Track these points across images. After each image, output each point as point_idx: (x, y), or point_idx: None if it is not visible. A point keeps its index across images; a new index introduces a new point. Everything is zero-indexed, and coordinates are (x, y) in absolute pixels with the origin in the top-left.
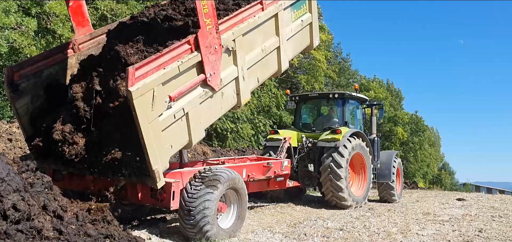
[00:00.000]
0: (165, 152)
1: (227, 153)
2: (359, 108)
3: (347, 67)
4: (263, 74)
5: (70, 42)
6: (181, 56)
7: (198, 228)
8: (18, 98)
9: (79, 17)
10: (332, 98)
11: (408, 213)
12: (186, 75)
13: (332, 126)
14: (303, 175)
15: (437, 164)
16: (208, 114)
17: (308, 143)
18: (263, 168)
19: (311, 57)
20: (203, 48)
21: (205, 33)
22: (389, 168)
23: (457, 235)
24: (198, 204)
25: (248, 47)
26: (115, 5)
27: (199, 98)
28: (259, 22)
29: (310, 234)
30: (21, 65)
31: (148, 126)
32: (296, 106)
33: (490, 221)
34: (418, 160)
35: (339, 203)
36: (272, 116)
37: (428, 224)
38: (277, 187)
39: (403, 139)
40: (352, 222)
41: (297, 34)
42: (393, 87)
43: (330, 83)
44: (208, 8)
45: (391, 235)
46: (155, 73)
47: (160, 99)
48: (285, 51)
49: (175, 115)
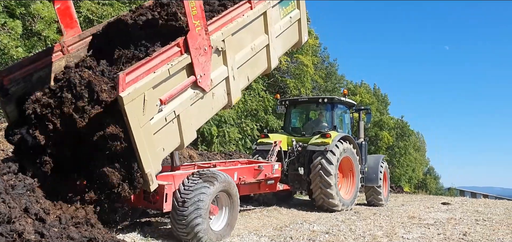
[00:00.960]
0: (157, 155)
1: (214, 157)
2: (347, 112)
3: (334, 72)
4: (253, 73)
5: (59, 44)
6: (171, 59)
7: (190, 220)
8: (8, 103)
9: (67, 18)
10: (322, 103)
11: (393, 216)
12: (176, 77)
13: (321, 130)
14: (293, 178)
15: (422, 168)
16: (199, 116)
17: (298, 146)
18: (254, 171)
19: (299, 62)
20: (192, 50)
21: (194, 35)
22: (376, 172)
23: (442, 238)
24: (193, 195)
25: (237, 46)
26: (97, 9)
27: (190, 100)
28: (247, 21)
29: (296, 237)
30: (10, 70)
31: (139, 130)
32: (286, 110)
33: (474, 225)
34: (404, 164)
35: (329, 207)
36: (259, 120)
37: (413, 228)
38: (268, 190)
39: (389, 144)
40: (338, 225)
41: (286, 31)
42: (379, 92)
43: (317, 88)
44: (197, 9)
45: (376, 238)
46: (146, 77)
47: (151, 103)
48: (274, 49)
49: (166, 118)
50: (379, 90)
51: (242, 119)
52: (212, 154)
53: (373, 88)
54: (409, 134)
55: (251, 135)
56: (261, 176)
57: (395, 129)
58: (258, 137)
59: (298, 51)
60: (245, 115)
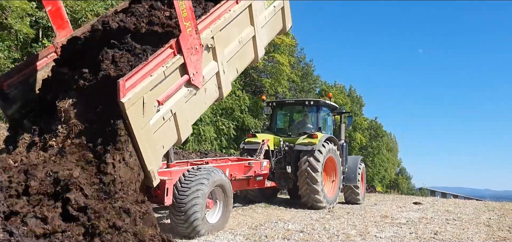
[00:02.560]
0: (157, 152)
1: (189, 156)
2: (329, 115)
3: (310, 73)
4: (241, 65)
5: (52, 46)
6: (165, 61)
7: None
8: (9, 107)
9: (59, 20)
10: (308, 105)
11: (366, 215)
12: (171, 78)
13: (306, 131)
14: (279, 176)
15: (394, 168)
16: (193, 111)
17: (285, 146)
18: (245, 168)
19: (275, 60)
20: (185, 51)
21: (185, 36)
22: (354, 172)
23: (414, 237)
24: (191, 189)
25: (226, 41)
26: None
27: (185, 98)
28: (234, 16)
29: (271, 236)
30: (9, 75)
31: (140, 132)
32: (272, 111)
33: (445, 224)
34: (377, 164)
35: (314, 203)
36: (235, 119)
37: (386, 227)
38: (257, 186)
39: (362, 144)
40: (312, 224)
41: (271, 20)
42: (355, 94)
43: (293, 87)
44: (187, 11)
45: (350, 237)
46: (143, 81)
47: (150, 104)
48: (260, 39)
49: (164, 117)
50: (355, 91)
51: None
52: (187, 152)
53: (349, 89)
54: (382, 135)
55: (228, 134)
56: (250, 172)
57: (369, 129)
58: (234, 135)
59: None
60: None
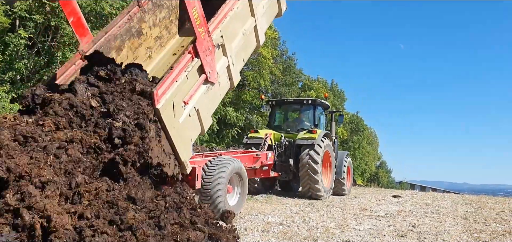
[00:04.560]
0: (188, 144)
1: None
2: (323, 114)
3: (292, 66)
4: (246, 54)
5: (78, 53)
6: (186, 66)
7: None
8: None
9: (80, 28)
10: (306, 104)
11: (346, 208)
12: (192, 80)
13: (304, 128)
14: (280, 168)
15: (374, 162)
16: (212, 104)
17: (286, 141)
18: (253, 158)
19: (257, 53)
20: (201, 53)
21: (200, 41)
22: (341, 166)
23: (392, 230)
24: (215, 176)
25: (233, 36)
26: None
27: (204, 94)
28: (238, 12)
29: (251, 228)
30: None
31: (174, 131)
32: (271, 109)
33: (423, 217)
34: (357, 158)
35: (314, 194)
36: (218, 113)
37: (365, 219)
38: (263, 175)
39: (343, 138)
40: (292, 216)
41: (268, 7)
42: (336, 88)
43: (275, 81)
44: (200, 18)
45: (329, 229)
46: (171, 87)
47: (178, 106)
48: (261, 27)
49: (190, 114)
50: (336, 85)
51: None
52: None
53: (331, 84)
54: (363, 129)
55: (210, 128)
56: (258, 162)
57: (350, 123)
58: (217, 129)
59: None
60: None
